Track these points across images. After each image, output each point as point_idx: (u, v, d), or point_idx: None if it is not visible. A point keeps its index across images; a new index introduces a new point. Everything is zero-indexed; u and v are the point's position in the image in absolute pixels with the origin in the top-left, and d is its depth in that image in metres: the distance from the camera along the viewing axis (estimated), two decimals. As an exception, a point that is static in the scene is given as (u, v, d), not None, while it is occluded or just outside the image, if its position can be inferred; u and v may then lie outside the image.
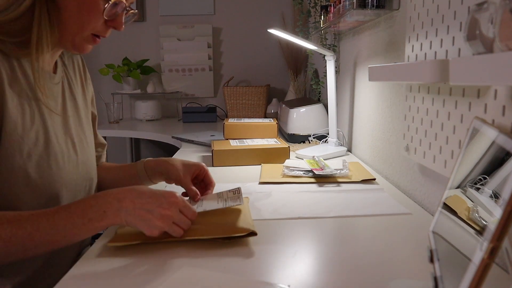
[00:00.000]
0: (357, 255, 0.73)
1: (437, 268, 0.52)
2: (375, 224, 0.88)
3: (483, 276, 0.38)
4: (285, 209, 0.96)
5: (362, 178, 1.18)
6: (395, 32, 1.19)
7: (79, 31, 0.80)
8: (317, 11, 1.93)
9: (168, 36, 2.87)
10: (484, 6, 0.54)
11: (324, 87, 1.87)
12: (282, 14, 2.80)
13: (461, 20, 0.76)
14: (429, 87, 0.91)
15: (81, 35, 0.81)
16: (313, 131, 1.80)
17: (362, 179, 1.18)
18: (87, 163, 0.93)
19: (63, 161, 0.84)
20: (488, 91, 0.69)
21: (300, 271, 0.68)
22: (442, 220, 0.57)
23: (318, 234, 0.83)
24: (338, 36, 1.86)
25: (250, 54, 2.91)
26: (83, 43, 0.83)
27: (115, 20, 0.84)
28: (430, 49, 0.88)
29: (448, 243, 0.53)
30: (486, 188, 0.49)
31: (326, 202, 1.00)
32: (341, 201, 1.01)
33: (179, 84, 2.91)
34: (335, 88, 1.57)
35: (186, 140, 1.88)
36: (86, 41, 0.83)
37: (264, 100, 2.59)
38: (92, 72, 3.17)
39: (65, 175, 0.84)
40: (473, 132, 0.60)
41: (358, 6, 1.20)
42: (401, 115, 1.14)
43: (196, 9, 2.87)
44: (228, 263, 0.69)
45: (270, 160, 1.40)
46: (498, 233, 0.37)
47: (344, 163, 1.27)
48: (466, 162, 0.58)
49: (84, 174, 0.92)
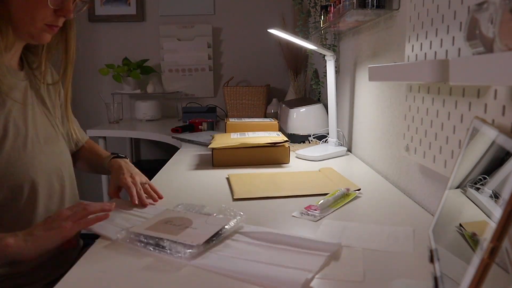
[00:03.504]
0: (357, 255, 0.73)
1: (437, 268, 0.52)
2: (373, 224, 0.88)
3: (483, 276, 0.38)
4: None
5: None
6: (395, 32, 1.19)
7: (30, 23, 0.84)
8: (317, 11, 1.93)
9: (168, 36, 2.87)
10: (484, 6, 0.54)
11: (324, 87, 1.87)
12: (282, 14, 2.80)
13: (461, 20, 0.76)
14: (429, 87, 0.91)
15: (34, 27, 0.84)
16: (313, 131, 1.80)
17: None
18: (56, 152, 0.96)
19: (30, 150, 0.87)
20: (488, 91, 0.69)
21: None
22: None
23: (318, 234, 0.83)
24: (338, 36, 1.86)
25: (250, 54, 2.91)
26: (39, 33, 0.86)
27: (63, 9, 0.86)
28: (430, 49, 0.88)
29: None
30: (486, 188, 0.49)
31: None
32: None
33: (179, 84, 2.91)
34: (335, 88, 1.57)
35: (186, 140, 1.88)
36: (42, 31, 0.86)
37: (264, 100, 2.59)
38: (92, 72, 3.17)
39: (31, 166, 0.87)
40: (473, 132, 0.60)
41: (358, 6, 1.20)
42: (401, 115, 1.14)
43: (196, 9, 2.87)
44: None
45: (270, 161, 1.40)
46: (498, 233, 0.37)
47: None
48: (466, 162, 0.58)
49: (56, 163, 0.94)
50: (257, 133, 1.56)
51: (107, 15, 2.85)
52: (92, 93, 2.86)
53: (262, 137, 1.46)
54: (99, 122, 2.81)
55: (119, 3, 2.85)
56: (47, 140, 0.94)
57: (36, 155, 0.89)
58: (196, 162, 1.47)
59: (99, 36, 2.89)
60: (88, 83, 2.87)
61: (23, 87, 0.92)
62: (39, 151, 0.90)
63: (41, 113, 0.96)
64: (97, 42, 2.89)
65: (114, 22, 2.87)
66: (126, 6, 2.85)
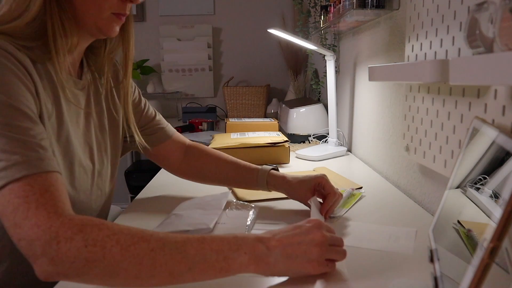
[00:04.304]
0: (357, 255, 0.73)
1: (437, 268, 0.52)
2: (375, 224, 0.88)
3: (483, 276, 0.38)
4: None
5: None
6: (395, 32, 1.19)
7: (98, 13, 0.77)
8: (317, 11, 1.93)
9: (168, 36, 2.87)
10: (484, 6, 0.54)
11: (324, 87, 1.87)
12: (282, 14, 2.80)
13: (461, 20, 0.76)
14: (429, 87, 0.91)
15: (101, 17, 0.78)
16: (313, 131, 1.80)
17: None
18: (102, 172, 0.90)
19: (79, 169, 0.81)
20: (488, 91, 0.69)
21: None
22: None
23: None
24: (338, 36, 1.86)
25: (250, 54, 2.91)
26: (107, 24, 0.79)
27: None
28: (430, 49, 0.88)
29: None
30: (486, 188, 0.49)
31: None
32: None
33: (179, 84, 2.91)
34: (335, 88, 1.57)
35: (186, 140, 1.88)
36: (110, 22, 0.79)
37: (264, 100, 2.59)
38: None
39: (77, 182, 0.81)
40: (473, 132, 0.60)
41: (358, 6, 1.20)
42: (401, 115, 1.14)
43: (196, 9, 2.87)
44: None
45: (270, 161, 1.40)
46: (498, 233, 0.37)
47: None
48: (466, 162, 0.58)
49: (98, 184, 0.88)
50: (257, 133, 1.56)
51: (107, 15, 2.85)
52: (92, 93, 2.85)
53: (262, 137, 1.46)
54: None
55: (119, 3, 2.85)
56: (94, 160, 0.86)
57: (82, 176, 0.82)
58: (196, 162, 1.47)
59: (99, 36, 2.89)
60: (88, 83, 2.87)
61: (82, 97, 0.85)
62: (84, 173, 0.83)
63: (97, 127, 0.89)
64: (97, 42, 2.89)
65: (114, 22, 2.87)
66: (126, 6, 2.85)
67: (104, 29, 0.79)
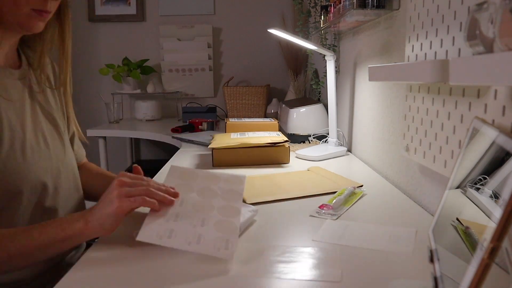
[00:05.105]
0: (357, 255, 0.73)
1: (437, 268, 0.52)
2: (375, 224, 0.88)
3: (483, 276, 0.38)
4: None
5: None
6: (395, 32, 1.19)
7: (15, 9, 0.77)
8: (317, 11, 1.93)
9: (168, 36, 2.87)
10: (484, 6, 0.54)
11: (324, 87, 1.87)
12: (282, 14, 2.80)
13: (461, 20, 0.76)
14: (429, 87, 0.91)
15: (20, 13, 0.78)
16: (313, 131, 1.80)
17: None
18: (59, 156, 0.91)
19: (32, 154, 0.84)
20: (488, 91, 0.69)
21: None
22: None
23: (320, 234, 0.82)
24: (338, 36, 1.86)
25: (250, 54, 2.91)
26: (28, 20, 0.79)
27: None
28: (430, 49, 0.88)
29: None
30: (486, 188, 0.49)
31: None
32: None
33: (179, 84, 2.91)
34: (335, 88, 1.57)
35: (186, 140, 1.88)
36: (30, 18, 0.79)
37: (264, 100, 2.59)
38: (92, 72, 3.17)
39: (29, 172, 0.82)
40: (473, 132, 0.60)
41: (358, 6, 1.20)
42: (401, 115, 1.14)
43: (196, 9, 2.87)
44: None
45: (270, 161, 1.40)
46: (498, 233, 0.37)
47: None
48: (466, 162, 0.58)
49: (58, 167, 0.91)
50: (257, 133, 1.56)
51: (107, 15, 2.85)
52: (92, 93, 2.86)
53: (262, 137, 1.46)
54: (99, 122, 2.81)
55: (119, 3, 2.85)
56: (48, 144, 0.89)
57: (36, 161, 0.84)
58: (196, 162, 1.47)
59: (99, 36, 2.89)
60: (88, 83, 2.87)
61: (20, 87, 0.87)
62: (39, 157, 0.85)
63: (43, 113, 0.91)
64: (97, 42, 2.89)
65: (114, 22, 2.87)
66: (126, 6, 2.85)
67: (25, 25, 0.80)
